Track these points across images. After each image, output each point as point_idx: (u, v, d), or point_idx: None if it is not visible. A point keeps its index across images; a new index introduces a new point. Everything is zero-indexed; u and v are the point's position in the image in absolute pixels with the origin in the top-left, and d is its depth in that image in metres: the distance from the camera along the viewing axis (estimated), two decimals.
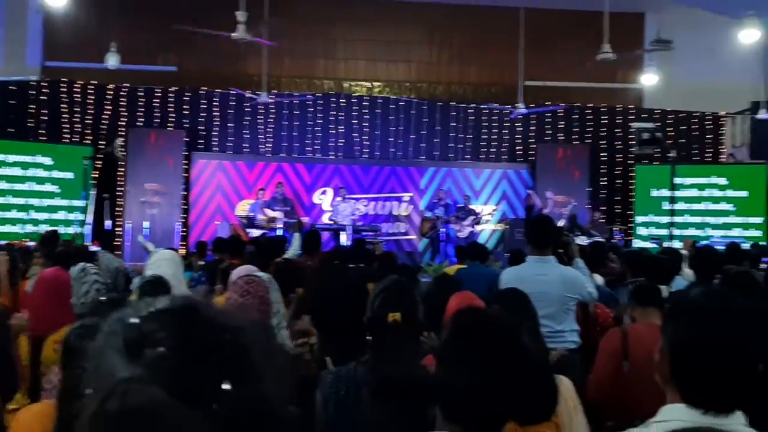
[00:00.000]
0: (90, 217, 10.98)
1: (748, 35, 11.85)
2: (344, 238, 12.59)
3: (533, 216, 5.06)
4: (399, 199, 14.78)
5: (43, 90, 13.91)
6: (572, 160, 14.88)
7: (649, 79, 14.93)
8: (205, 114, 14.58)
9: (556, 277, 4.15)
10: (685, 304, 1.58)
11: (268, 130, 14.71)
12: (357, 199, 14.31)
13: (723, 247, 7.19)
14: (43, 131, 13.76)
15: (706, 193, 14.14)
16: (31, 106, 13.76)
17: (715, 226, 13.94)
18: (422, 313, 2.51)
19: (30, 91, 13.80)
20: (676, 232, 9.44)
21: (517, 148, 15.29)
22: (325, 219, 13.99)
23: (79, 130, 14.01)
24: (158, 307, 0.76)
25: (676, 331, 1.50)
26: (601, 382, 3.45)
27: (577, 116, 15.32)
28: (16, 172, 12.83)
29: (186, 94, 14.58)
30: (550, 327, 3.94)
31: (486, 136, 15.23)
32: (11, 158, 12.79)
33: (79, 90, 14.07)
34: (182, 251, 12.36)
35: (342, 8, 15.77)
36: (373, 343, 2.43)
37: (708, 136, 15.37)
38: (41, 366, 2.85)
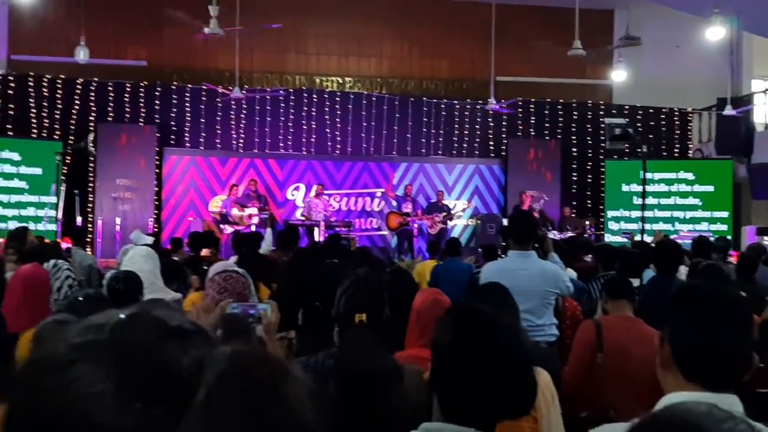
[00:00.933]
0: (60, 213, 10.83)
1: (714, 32, 12.05)
2: (317, 234, 12.59)
3: (514, 211, 5.13)
4: (372, 195, 14.80)
5: (10, 84, 13.66)
6: (543, 156, 15.03)
7: (618, 75, 15.12)
8: (176, 109, 14.45)
9: (536, 272, 4.19)
10: (692, 290, 1.67)
11: (240, 125, 14.63)
12: (330, 195, 14.30)
13: (690, 241, 7.33)
14: (10, 126, 13.52)
15: (674, 187, 14.38)
16: None
17: (683, 221, 14.19)
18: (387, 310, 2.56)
19: None
20: (647, 226, 9.59)
21: (489, 143, 15.38)
22: (298, 215, 13.96)
23: (48, 125, 13.80)
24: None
25: (682, 315, 1.56)
26: (575, 373, 3.52)
27: (548, 111, 15.46)
28: None
29: (157, 89, 14.43)
30: (530, 321, 3.99)
31: (458, 132, 15.30)
32: None
33: (47, 84, 13.85)
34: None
35: (313, 3, 15.74)
36: (341, 337, 2.49)
37: (676, 132, 15.62)
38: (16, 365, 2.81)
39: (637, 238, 8.44)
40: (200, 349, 0.70)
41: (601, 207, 14.94)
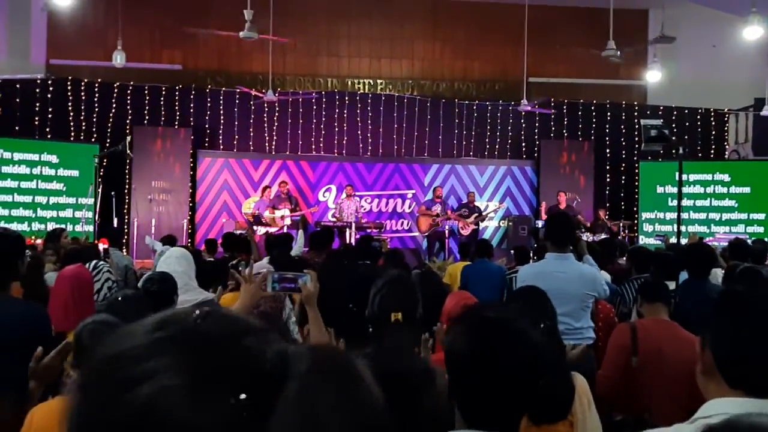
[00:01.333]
0: (97, 215, 11.03)
1: (751, 32, 11.85)
2: (348, 236, 12.64)
3: (552, 213, 5.08)
4: (403, 196, 14.82)
5: (49, 88, 13.94)
6: (576, 157, 14.91)
7: (653, 76, 14.94)
8: (210, 112, 14.62)
9: (575, 275, 4.14)
10: (734, 295, 1.64)
11: (273, 127, 14.75)
12: (361, 197, 14.35)
13: (726, 244, 7.22)
14: (49, 129, 13.80)
15: (710, 189, 14.17)
16: (37, 104, 13.80)
17: (719, 222, 13.98)
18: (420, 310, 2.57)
19: (36, 89, 13.83)
20: (682, 228, 9.45)
21: (522, 144, 15.30)
22: (329, 216, 14.03)
23: (85, 128, 14.05)
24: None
25: (724, 320, 1.54)
26: (609, 377, 3.50)
27: (581, 112, 15.33)
28: (23, 170, 12.88)
29: (191, 92, 14.62)
30: (568, 324, 3.96)
31: (490, 133, 15.25)
32: (17, 156, 12.84)
33: (84, 88, 14.11)
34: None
35: (345, 6, 15.83)
36: (375, 337, 2.49)
37: (712, 133, 15.39)
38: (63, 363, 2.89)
39: (673, 240, 8.35)
40: (280, 344, 0.71)
41: (635, 209, 14.77)
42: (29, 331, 2.61)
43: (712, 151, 15.33)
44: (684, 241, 7.57)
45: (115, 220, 12.64)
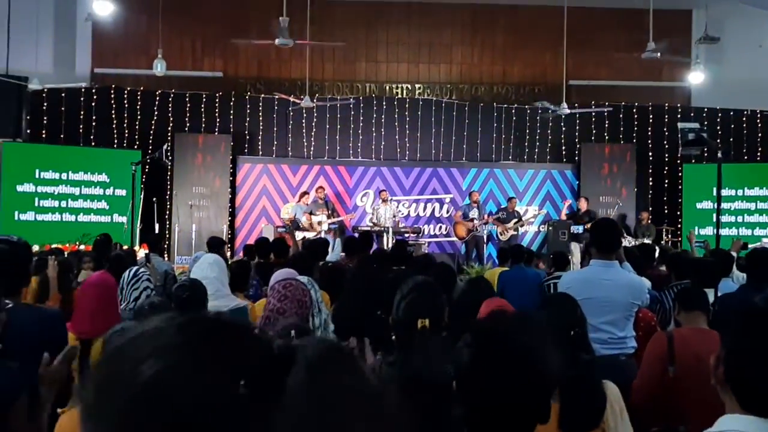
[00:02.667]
0: (138, 221, 11.21)
1: None
2: (386, 241, 12.63)
3: (598, 219, 4.91)
4: (441, 201, 14.76)
5: (93, 96, 14.24)
6: (618, 160, 14.67)
7: (696, 77, 14.62)
8: (249, 118, 14.77)
9: (622, 283, 4.03)
10: (746, 309, 1.56)
11: (311, 133, 14.83)
12: (399, 201, 14.34)
13: None
14: (93, 137, 14.10)
15: (756, 192, 13.81)
16: (82, 112, 14.11)
17: (764, 226, 13.61)
18: (447, 315, 2.53)
19: (80, 98, 14.15)
20: (725, 232, 9.22)
21: (562, 148, 15.11)
22: (367, 221, 14.04)
23: (128, 135, 14.32)
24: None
25: (735, 336, 1.48)
26: (646, 386, 3.41)
27: (622, 115, 15.09)
28: (67, 176, 13.17)
29: (231, 99, 14.79)
30: (612, 333, 3.87)
31: (529, 136, 15.09)
32: (61, 162, 13.14)
33: (127, 96, 14.38)
34: (228, 253, 12.55)
35: (382, 11, 15.85)
36: (401, 344, 2.45)
37: (758, 135, 14.99)
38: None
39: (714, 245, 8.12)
40: (288, 339, 0.76)
41: (679, 212, 14.47)
42: (43, 337, 2.64)
43: (759, 154, 14.92)
44: (725, 246, 7.39)
45: (157, 226, 12.83)
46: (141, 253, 8.80)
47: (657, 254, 7.99)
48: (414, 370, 2.27)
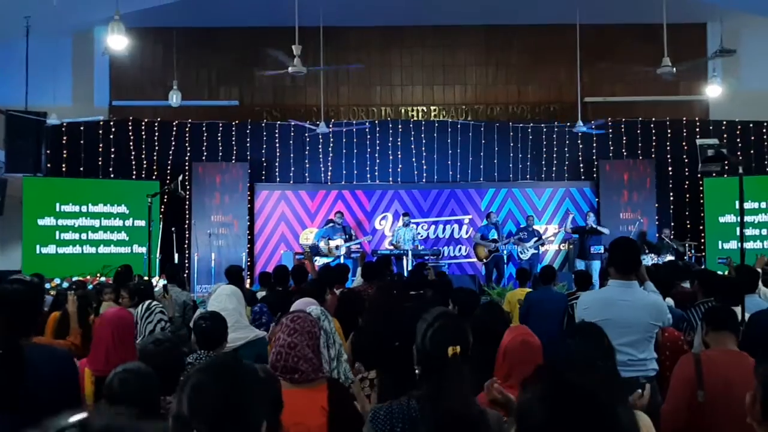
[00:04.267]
0: (158, 251, 11.24)
1: None
2: (406, 264, 12.56)
3: (616, 238, 4.80)
4: (460, 222, 14.69)
5: (112, 129, 14.39)
6: (637, 176, 14.53)
7: (713, 91, 14.49)
8: (266, 146, 14.84)
9: (641, 304, 3.95)
10: None
11: (328, 158, 14.87)
12: (417, 224, 14.28)
13: None
14: (112, 169, 14.22)
15: None
16: (100, 145, 14.25)
17: None
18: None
19: (99, 131, 14.30)
20: (749, 246, 9.04)
21: (580, 165, 15.01)
22: (386, 244, 13.99)
23: (146, 166, 14.42)
24: None
25: None
26: (675, 412, 3.30)
27: (639, 131, 14.97)
28: (87, 209, 13.27)
29: (248, 127, 14.88)
30: (631, 355, 3.78)
31: (546, 155, 15.01)
32: (81, 195, 13.25)
33: (145, 128, 14.51)
34: (247, 281, 12.54)
35: (396, 34, 15.92)
36: (428, 376, 2.35)
37: None
38: None
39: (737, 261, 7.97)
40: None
41: (701, 228, 14.27)
42: (54, 377, 2.62)
43: None
44: (749, 262, 7.23)
45: (176, 256, 12.86)
46: (161, 284, 8.81)
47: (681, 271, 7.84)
48: (450, 406, 2.16)
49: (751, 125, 14.74)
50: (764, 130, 14.77)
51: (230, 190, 14.23)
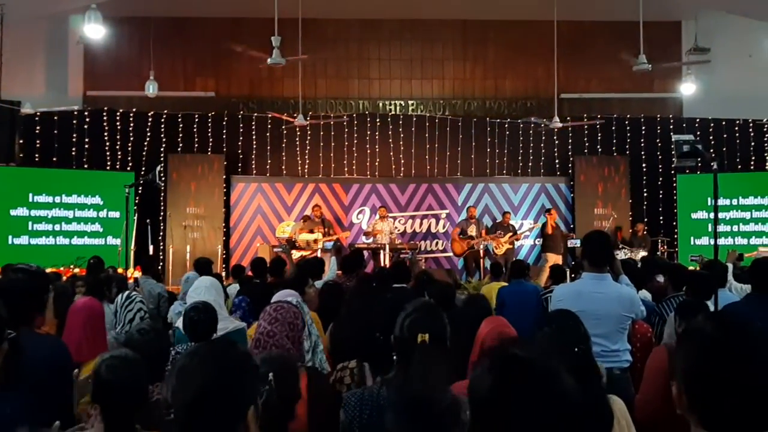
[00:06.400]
0: (132, 243, 11.15)
1: None
2: (383, 257, 12.59)
3: (589, 231, 4.84)
4: (437, 216, 14.75)
5: (86, 119, 14.22)
6: (612, 172, 14.70)
7: (687, 88, 14.69)
8: (243, 138, 14.77)
9: (613, 296, 4.01)
10: (695, 333, 1.48)
11: (305, 151, 14.84)
12: (394, 218, 14.31)
13: None
14: (86, 159, 14.05)
15: (750, 201, 13.85)
16: (74, 134, 14.07)
17: (760, 235, 13.63)
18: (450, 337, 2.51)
19: (73, 121, 14.12)
20: (721, 242, 9.24)
21: (555, 161, 15.15)
22: (363, 238, 14.00)
23: (121, 157, 14.28)
24: None
25: (687, 362, 1.42)
26: (648, 401, 3.37)
27: (615, 127, 15.14)
28: (60, 200, 13.13)
29: (224, 119, 14.79)
30: (604, 346, 3.84)
31: (523, 150, 15.12)
32: (54, 186, 13.10)
33: (119, 118, 14.36)
34: (223, 273, 12.48)
35: (374, 28, 15.90)
36: (400, 362, 2.44)
37: (751, 144, 15.04)
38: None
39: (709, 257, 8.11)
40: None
41: (674, 223, 14.48)
42: (53, 366, 2.65)
43: (752, 163, 14.98)
44: (720, 257, 7.37)
45: (151, 248, 12.76)
46: (136, 275, 8.75)
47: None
48: (414, 391, 2.22)
49: (723, 123, 14.97)
50: (736, 128, 15.01)
51: (206, 182, 14.15)
